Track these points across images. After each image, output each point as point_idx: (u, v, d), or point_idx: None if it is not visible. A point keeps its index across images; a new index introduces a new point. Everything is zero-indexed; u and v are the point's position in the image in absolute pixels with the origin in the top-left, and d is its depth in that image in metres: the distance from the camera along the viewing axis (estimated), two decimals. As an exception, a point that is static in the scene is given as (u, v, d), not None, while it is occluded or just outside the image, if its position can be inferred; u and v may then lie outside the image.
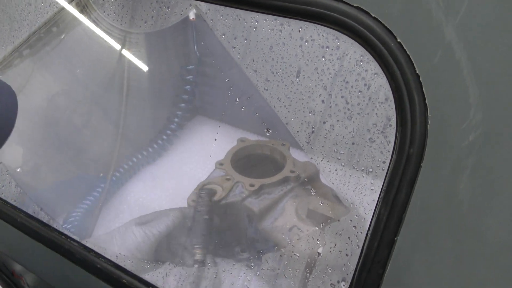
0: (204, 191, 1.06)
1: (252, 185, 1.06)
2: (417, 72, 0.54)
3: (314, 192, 1.07)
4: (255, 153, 1.24)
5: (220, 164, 1.15)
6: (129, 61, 1.31)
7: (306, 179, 1.08)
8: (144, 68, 1.33)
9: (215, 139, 1.14)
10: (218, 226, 1.06)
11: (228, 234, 1.08)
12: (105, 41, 1.15)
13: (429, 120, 0.54)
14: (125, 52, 1.24)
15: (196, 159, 1.42)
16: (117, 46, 1.18)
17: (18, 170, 1.21)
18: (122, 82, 1.36)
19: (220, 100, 1.45)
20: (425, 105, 0.54)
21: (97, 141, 1.39)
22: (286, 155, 1.15)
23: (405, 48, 0.55)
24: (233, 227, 1.08)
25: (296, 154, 1.13)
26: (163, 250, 1.00)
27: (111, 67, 1.29)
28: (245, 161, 1.22)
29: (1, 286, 1.05)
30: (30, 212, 0.97)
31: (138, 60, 1.31)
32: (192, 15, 1.15)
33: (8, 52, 1.06)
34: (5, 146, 1.21)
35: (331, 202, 0.98)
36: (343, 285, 0.63)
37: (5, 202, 0.99)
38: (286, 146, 1.18)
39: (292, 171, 1.09)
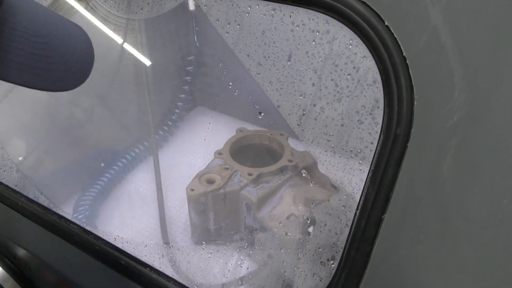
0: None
1: (250, 174, 1.08)
2: (404, 54, 0.56)
3: (311, 181, 1.08)
4: (254, 143, 1.26)
5: (219, 153, 1.17)
6: (128, 51, 1.32)
7: (304, 169, 1.10)
8: (144, 58, 1.34)
9: (209, 123, 1.15)
10: (216, 214, 1.08)
11: (226, 222, 1.10)
12: (104, 29, 1.17)
13: (415, 101, 0.55)
14: (123, 40, 1.25)
15: (196, 149, 1.44)
16: (115, 33, 1.20)
17: (20, 158, 1.23)
18: (121, 72, 1.38)
19: (220, 91, 1.46)
20: (411, 86, 0.55)
21: (97, 131, 1.41)
22: (285, 145, 1.17)
23: (392, 31, 0.56)
24: (231, 215, 1.10)
25: (294, 144, 1.15)
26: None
27: (109, 57, 1.30)
28: (244, 151, 1.24)
29: (4, 269, 1.08)
30: (31, 196, 0.99)
31: (137, 50, 1.32)
32: (192, 6, 1.16)
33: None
34: (8, 133, 1.23)
35: (328, 191, 1.00)
36: (333, 263, 0.65)
37: (7, 187, 1.01)
38: (284, 136, 1.19)
39: (290, 161, 1.11)
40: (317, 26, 0.64)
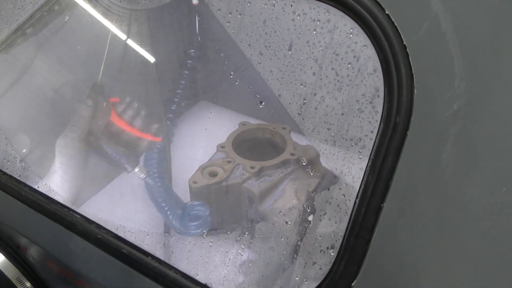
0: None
1: (252, 167, 1.08)
2: (404, 43, 0.56)
3: (313, 174, 1.08)
4: (256, 136, 1.26)
5: (221, 147, 1.17)
6: (130, 44, 1.33)
7: (306, 162, 1.10)
8: (146, 53, 1.35)
9: (210, 112, 1.16)
10: (218, 207, 1.09)
11: (228, 215, 1.10)
12: (106, 21, 1.17)
13: (415, 90, 0.56)
14: (127, 32, 1.25)
15: (199, 143, 1.44)
16: (117, 25, 1.20)
17: (24, 150, 1.24)
18: (124, 64, 1.38)
19: (223, 85, 1.46)
20: (412, 75, 0.56)
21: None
22: (287, 139, 1.16)
23: (393, 20, 0.56)
24: (233, 208, 1.10)
25: (297, 138, 1.15)
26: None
27: (112, 49, 1.31)
28: (246, 144, 1.24)
29: (7, 258, 1.09)
30: (34, 186, 1.00)
31: (140, 43, 1.33)
32: (195, 0, 1.17)
33: (12, 30, 1.08)
34: (12, 125, 1.23)
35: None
36: (332, 252, 0.66)
37: (10, 176, 1.02)
38: (286, 130, 1.19)
39: (292, 154, 1.11)
40: (318, 15, 0.64)
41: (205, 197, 1.07)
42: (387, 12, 0.57)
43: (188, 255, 0.88)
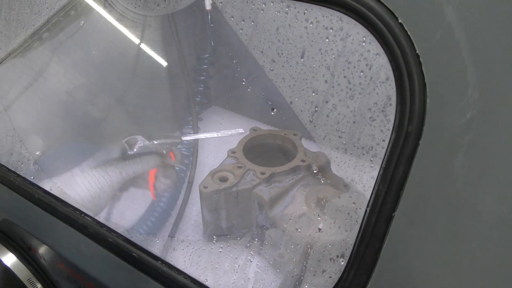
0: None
1: (263, 173, 1.08)
2: (417, 52, 0.56)
3: (324, 182, 1.08)
4: (267, 142, 1.26)
5: (232, 152, 1.17)
6: (144, 49, 1.34)
7: (316, 169, 1.10)
8: (159, 58, 1.36)
9: (222, 118, 1.16)
10: (228, 212, 1.09)
11: (238, 221, 1.10)
12: (120, 26, 1.18)
13: (427, 99, 0.55)
14: (140, 37, 1.26)
15: (210, 148, 1.45)
16: (131, 31, 1.21)
17: (37, 153, 1.26)
18: (138, 69, 1.39)
19: (234, 88, 1.46)
20: (424, 84, 0.55)
21: (114, 129, 1.42)
22: (298, 145, 1.16)
23: (406, 28, 0.56)
24: (243, 214, 1.10)
25: (308, 145, 1.15)
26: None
27: (124, 54, 1.32)
28: (257, 150, 1.24)
29: (19, 259, 1.10)
30: (47, 188, 1.01)
31: (153, 49, 1.34)
32: (208, 6, 1.17)
33: (28, 34, 1.10)
34: (26, 128, 1.25)
35: (341, 191, 1.00)
36: (342, 260, 0.65)
37: (24, 179, 1.03)
38: (297, 136, 1.19)
39: (303, 161, 1.11)
40: (330, 23, 0.65)
41: (215, 202, 1.07)
42: (400, 20, 0.57)
43: (198, 260, 0.88)
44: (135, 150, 1.09)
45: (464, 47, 0.54)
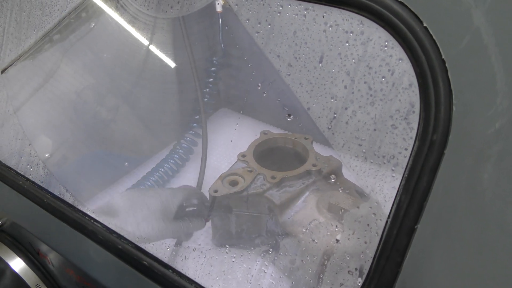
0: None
1: (273, 178, 1.06)
2: (443, 57, 0.53)
3: (337, 187, 1.06)
4: (278, 146, 1.24)
5: (242, 156, 1.16)
6: (154, 52, 1.33)
7: (328, 173, 1.08)
8: (169, 60, 1.35)
9: (236, 124, 1.14)
10: (238, 216, 1.07)
11: (248, 225, 1.08)
12: (131, 28, 1.17)
13: (453, 107, 0.53)
14: (150, 41, 1.25)
15: (219, 151, 1.43)
16: (143, 33, 1.20)
17: (46, 155, 1.25)
18: (147, 71, 1.38)
19: (244, 93, 1.45)
20: (450, 91, 0.53)
21: (123, 130, 1.42)
22: (309, 149, 1.15)
23: (431, 33, 0.54)
24: (254, 219, 1.08)
25: (319, 149, 1.13)
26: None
27: (135, 56, 1.31)
28: (268, 154, 1.22)
29: (27, 264, 1.09)
30: (56, 193, 0.99)
31: (164, 51, 1.33)
32: (219, 8, 1.16)
33: (39, 36, 1.09)
34: (35, 130, 1.24)
35: (353, 197, 0.98)
36: (360, 274, 0.63)
37: (33, 183, 1.02)
38: (309, 140, 1.18)
39: (314, 165, 1.09)
40: (351, 27, 0.62)
41: (225, 206, 1.06)
42: (425, 24, 0.54)
43: (210, 270, 0.86)
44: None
45: (493, 53, 0.51)
